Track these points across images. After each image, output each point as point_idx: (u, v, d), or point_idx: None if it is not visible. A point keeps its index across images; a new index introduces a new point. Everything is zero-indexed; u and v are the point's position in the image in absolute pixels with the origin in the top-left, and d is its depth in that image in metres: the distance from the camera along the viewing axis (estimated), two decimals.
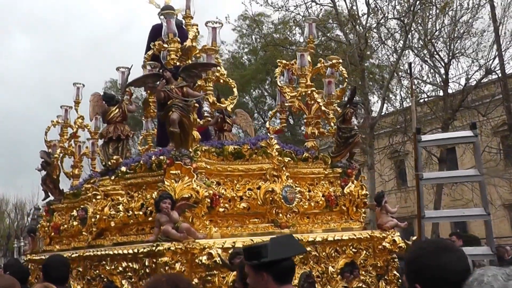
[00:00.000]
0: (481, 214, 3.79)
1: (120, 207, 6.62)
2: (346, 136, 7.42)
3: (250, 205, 6.43)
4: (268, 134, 7.90)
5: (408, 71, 7.65)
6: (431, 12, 21.25)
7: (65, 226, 8.08)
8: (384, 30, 21.75)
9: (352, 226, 7.37)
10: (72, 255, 6.90)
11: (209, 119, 6.68)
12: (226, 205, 6.25)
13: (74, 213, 7.65)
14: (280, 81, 7.64)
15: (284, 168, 6.64)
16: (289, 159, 6.74)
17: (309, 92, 7.38)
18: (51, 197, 8.81)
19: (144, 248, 5.50)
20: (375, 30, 21.70)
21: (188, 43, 6.49)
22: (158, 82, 6.03)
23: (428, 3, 21.03)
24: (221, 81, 6.63)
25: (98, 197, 7.04)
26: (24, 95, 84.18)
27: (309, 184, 7.26)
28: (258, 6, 23.57)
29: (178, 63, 6.36)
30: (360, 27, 21.28)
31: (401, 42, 21.05)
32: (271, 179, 6.56)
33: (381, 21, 21.22)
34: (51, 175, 8.61)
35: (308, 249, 6.36)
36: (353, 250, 6.95)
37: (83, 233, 7.18)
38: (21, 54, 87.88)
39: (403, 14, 20.89)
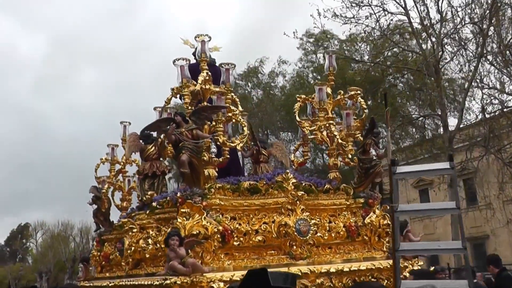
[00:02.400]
0: (458, 248, 4.06)
1: (150, 240, 7.49)
2: (366, 167, 7.89)
3: (266, 238, 7.08)
4: (292, 166, 8.54)
5: (384, 102, 7.85)
6: (507, 16, 20.71)
7: (113, 255, 9.12)
8: (458, 38, 21.39)
9: (375, 255, 7.78)
10: (110, 284, 7.88)
11: (228, 156, 7.37)
12: (241, 238, 6.93)
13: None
14: (298, 116, 8.21)
15: (298, 202, 7.22)
16: (303, 192, 7.29)
17: (327, 125, 7.91)
18: (103, 229, 9.91)
19: (158, 281, 6.31)
20: (452, 37, 21.24)
21: (197, 87, 7.25)
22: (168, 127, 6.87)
23: (505, 5, 20.47)
24: (234, 120, 7.34)
25: (134, 230, 7.99)
26: (90, 123, 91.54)
27: (330, 215, 7.79)
28: (323, 22, 23.65)
29: (190, 107, 7.16)
30: (434, 36, 20.98)
31: (473, 51, 20.68)
32: (285, 212, 7.17)
33: (458, 27, 20.83)
34: (101, 209, 9.70)
35: (321, 280, 6.91)
36: (373, 280, 7.36)
37: (122, 263, 8.15)
38: (87, 85, 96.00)
39: (480, 19, 20.46)
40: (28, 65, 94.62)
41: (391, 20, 22.05)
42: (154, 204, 7.74)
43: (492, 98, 20.96)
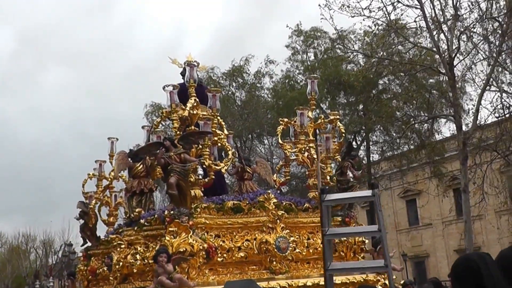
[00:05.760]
0: (380, 266, 5.06)
1: (138, 256, 8.48)
2: (344, 188, 8.97)
3: (248, 254, 8.15)
4: (275, 186, 9.61)
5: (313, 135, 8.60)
6: None
7: (100, 270, 10.08)
8: (469, 36, 21.20)
9: None
10: None
11: (213, 177, 8.40)
12: (225, 255, 7.98)
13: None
14: (280, 138, 9.28)
15: (278, 220, 8.28)
16: (283, 212, 8.36)
17: (307, 148, 8.98)
18: (89, 243, 10.86)
19: None
20: (472, 31, 20.96)
21: (185, 113, 8.28)
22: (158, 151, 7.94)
23: None
24: (219, 144, 8.40)
25: (122, 246, 8.97)
26: (55, 128, 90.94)
27: (309, 232, 8.86)
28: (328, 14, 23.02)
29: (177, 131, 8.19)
30: (448, 33, 20.76)
31: (487, 50, 20.83)
32: (266, 230, 8.23)
33: (478, 20, 20.55)
34: (88, 224, 10.66)
35: None
36: None
37: (110, 278, 9.13)
38: (54, 86, 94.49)
39: (499, 14, 20.35)
40: None
41: (401, 15, 21.55)
42: (142, 221, 8.73)
43: (508, 99, 21.12)
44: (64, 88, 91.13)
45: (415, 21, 21.14)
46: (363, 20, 21.35)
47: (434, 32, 20.75)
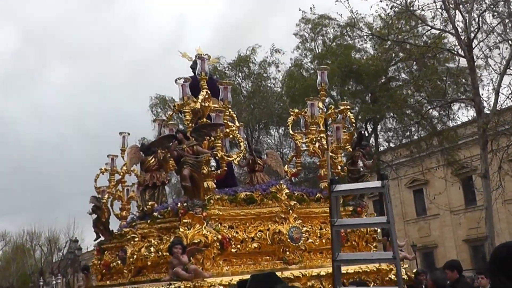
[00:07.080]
0: (388, 258, 5.20)
1: (152, 248, 8.66)
2: (355, 177, 9.12)
3: (261, 245, 8.32)
4: (286, 176, 9.77)
5: (324, 125, 8.59)
6: None
7: (114, 263, 10.28)
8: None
9: None
10: None
11: (225, 169, 8.57)
12: (238, 246, 8.15)
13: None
14: (291, 129, 9.44)
15: (291, 211, 8.44)
16: (295, 202, 8.51)
17: (318, 138, 9.12)
18: (102, 238, 11.07)
19: (162, 286, 7.51)
20: (493, 9, 20.50)
21: (197, 106, 8.45)
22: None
23: None
24: (231, 136, 8.56)
25: (136, 239, 9.15)
26: (59, 125, 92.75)
27: (321, 222, 9.02)
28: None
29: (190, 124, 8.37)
30: (467, 14, 20.20)
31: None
32: (279, 221, 8.39)
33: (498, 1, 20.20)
34: (101, 218, 10.86)
35: (312, 282, 8.13)
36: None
37: (124, 271, 9.32)
38: (57, 84, 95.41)
39: None
40: None
41: None
42: (155, 214, 8.91)
43: None
44: (67, 85, 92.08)
45: (434, 2, 20.64)
46: (380, 1, 21.07)
47: (452, 13, 20.23)
